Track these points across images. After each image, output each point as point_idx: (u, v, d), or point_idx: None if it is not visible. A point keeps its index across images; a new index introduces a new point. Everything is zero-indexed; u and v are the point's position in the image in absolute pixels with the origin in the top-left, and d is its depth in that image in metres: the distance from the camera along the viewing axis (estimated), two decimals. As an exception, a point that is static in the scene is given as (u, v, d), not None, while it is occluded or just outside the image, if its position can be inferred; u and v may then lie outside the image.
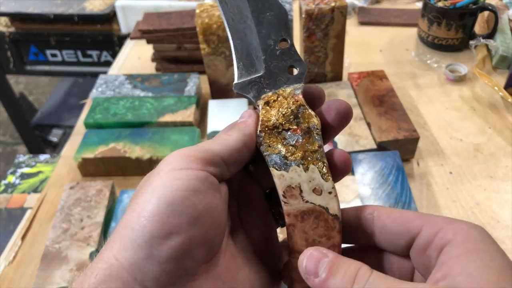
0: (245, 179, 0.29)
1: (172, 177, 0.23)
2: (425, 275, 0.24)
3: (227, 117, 0.71)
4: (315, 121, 0.28)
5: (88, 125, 0.71)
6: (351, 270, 0.23)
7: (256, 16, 0.30)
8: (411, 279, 0.26)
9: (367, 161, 0.61)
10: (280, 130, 0.27)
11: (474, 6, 0.83)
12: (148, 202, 0.22)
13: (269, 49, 0.30)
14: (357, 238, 0.27)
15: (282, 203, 0.26)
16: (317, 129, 0.27)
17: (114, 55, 1.24)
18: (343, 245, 0.27)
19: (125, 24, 1.09)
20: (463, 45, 0.87)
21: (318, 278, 0.23)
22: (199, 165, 0.24)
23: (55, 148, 1.68)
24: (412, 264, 0.26)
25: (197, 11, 0.70)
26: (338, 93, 0.73)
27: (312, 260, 0.24)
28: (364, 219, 0.26)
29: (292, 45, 0.30)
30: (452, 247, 0.22)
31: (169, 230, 0.22)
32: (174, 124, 0.70)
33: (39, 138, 1.67)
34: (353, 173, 0.60)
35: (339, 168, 0.27)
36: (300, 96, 0.29)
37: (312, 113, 0.28)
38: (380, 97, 0.71)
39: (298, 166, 0.26)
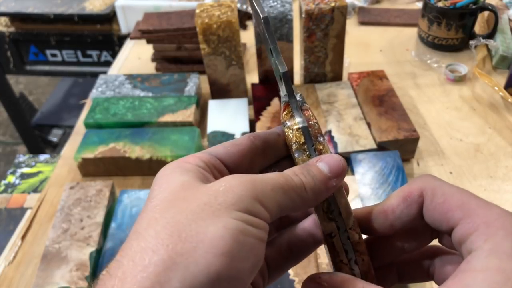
0: None
1: (244, 219, 0.21)
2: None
3: (227, 117, 0.71)
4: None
5: (88, 125, 0.71)
6: None
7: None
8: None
9: (367, 161, 0.61)
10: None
11: (474, 6, 0.83)
12: (221, 239, 0.20)
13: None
14: (408, 222, 0.26)
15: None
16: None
17: (114, 55, 1.24)
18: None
19: (125, 24, 1.09)
20: (463, 45, 0.87)
21: None
22: (263, 211, 0.22)
23: (55, 148, 1.68)
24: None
25: (197, 11, 0.70)
26: (338, 93, 0.73)
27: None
28: (414, 203, 0.26)
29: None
30: (474, 257, 0.21)
31: (233, 274, 0.20)
32: (174, 124, 0.70)
33: (39, 138, 1.67)
34: (353, 173, 0.60)
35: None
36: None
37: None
38: (380, 97, 0.71)
39: None
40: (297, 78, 0.81)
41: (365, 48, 0.93)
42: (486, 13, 0.93)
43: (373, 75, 0.76)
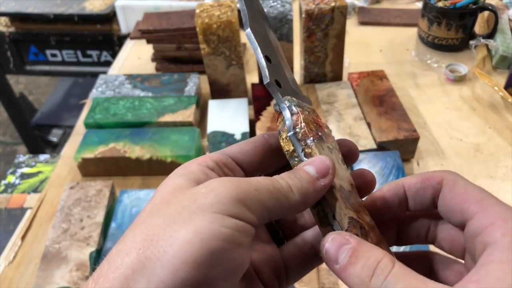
0: None
1: (220, 222, 0.21)
2: (472, 260, 0.23)
3: (227, 117, 0.71)
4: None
5: (88, 125, 0.71)
6: (371, 261, 0.22)
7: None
8: (463, 253, 0.26)
9: (367, 161, 0.61)
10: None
11: (474, 6, 0.83)
12: (189, 244, 0.20)
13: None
14: (419, 204, 0.26)
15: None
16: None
17: (114, 55, 1.24)
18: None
19: (125, 24, 1.09)
20: (463, 45, 0.87)
21: (337, 265, 0.23)
22: (247, 213, 0.22)
23: (55, 148, 1.68)
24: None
25: (197, 11, 0.70)
26: (338, 93, 0.73)
27: (333, 244, 0.23)
28: (430, 188, 0.26)
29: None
30: (496, 249, 0.21)
31: (201, 281, 0.20)
32: (174, 124, 0.70)
33: (39, 138, 1.67)
34: (353, 173, 0.60)
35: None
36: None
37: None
38: (380, 97, 0.71)
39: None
40: (297, 78, 0.81)
41: (365, 48, 0.93)
42: (486, 13, 0.93)
43: (373, 75, 0.76)
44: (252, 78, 0.84)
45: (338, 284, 0.50)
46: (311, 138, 0.26)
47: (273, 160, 0.28)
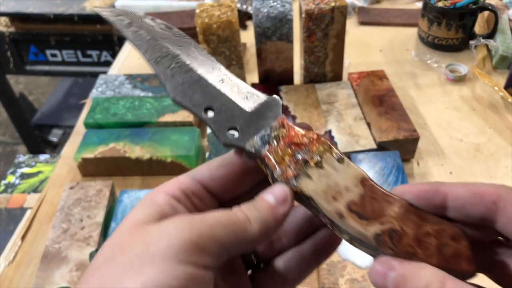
0: None
1: (170, 274, 0.20)
2: None
3: (227, 117, 0.71)
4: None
5: (88, 125, 0.71)
6: (421, 285, 0.20)
7: None
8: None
9: (367, 161, 0.61)
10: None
11: (474, 6, 0.83)
12: None
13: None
14: (463, 218, 0.24)
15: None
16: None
17: (114, 55, 1.24)
18: None
19: (125, 24, 1.09)
20: (463, 45, 0.87)
21: None
22: (203, 257, 0.21)
23: (55, 148, 1.68)
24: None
25: (197, 11, 0.70)
26: (338, 93, 0.73)
27: (378, 276, 0.22)
28: (482, 206, 0.23)
29: None
30: None
31: None
32: (174, 124, 0.70)
33: (39, 138, 1.67)
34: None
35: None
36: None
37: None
38: (380, 97, 0.71)
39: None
40: (297, 78, 0.81)
41: (365, 48, 0.93)
42: (486, 13, 0.93)
43: (373, 75, 0.76)
44: (252, 78, 0.84)
45: (338, 284, 0.50)
46: (293, 177, 0.25)
47: (250, 180, 0.27)
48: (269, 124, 0.26)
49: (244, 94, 0.27)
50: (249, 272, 0.29)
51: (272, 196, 0.24)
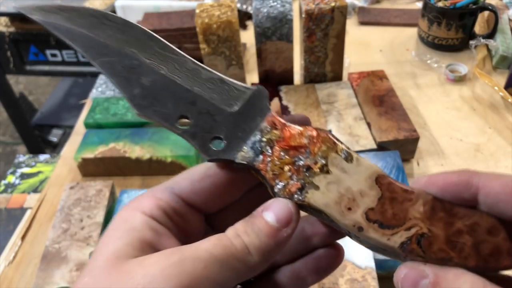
0: None
1: None
2: None
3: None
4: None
5: (88, 125, 0.71)
6: None
7: None
8: None
9: (367, 161, 0.61)
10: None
11: (474, 6, 0.83)
12: None
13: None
14: (496, 214, 0.20)
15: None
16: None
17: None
18: None
19: (125, 24, 1.09)
20: (463, 45, 0.87)
21: None
22: None
23: (55, 148, 1.68)
24: None
25: (197, 11, 0.70)
26: (338, 93, 0.73)
27: (407, 283, 0.19)
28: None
29: None
30: None
31: None
32: (174, 124, 0.70)
33: (39, 138, 1.67)
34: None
35: None
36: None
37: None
38: (380, 97, 0.71)
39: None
40: (297, 78, 0.81)
41: (365, 48, 0.93)
42: (486, 13, 0.93)
43: (373, 75, 0.76)
44: (252, 78, 0.84)
45: (338, 284, 0.50)
46: (297, 190, 0.21)
47: (240, 188, 0.24)
48: (258, 125, 0.22)
49: (223, 90, 0.22)
50: (239, 287, 0.26)
51: (274, 215, 0.21)
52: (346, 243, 0.25)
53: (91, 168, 0.66)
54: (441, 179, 0.21)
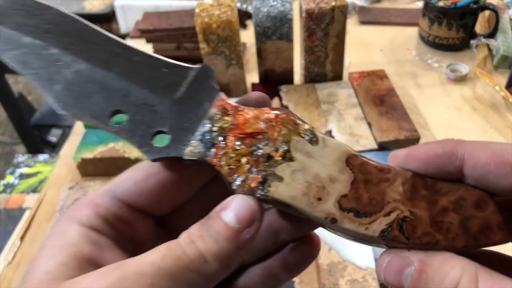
0: None
1: None
2: None
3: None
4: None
5: (87, 125, 0.71)
6: (447, 284, 0.16)
7: None
8: None
9: (368, 161, 0.61)
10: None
11: (475, 6, 0.82)
12: None
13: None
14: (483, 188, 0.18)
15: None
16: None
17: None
18: None
19: (125, 24, 1.09)
20: (464, 44, 0.87)
21: None
22: None
23: (54, 148, 1.68)
24: None
25: (197, 10, 0.69)
26: (339, 93, 0.73)
27: (391, 272, 0.18)
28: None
29: None
30: None
31: None
32: (174, 124, 0.69)
33: (38, 138, 1.66)
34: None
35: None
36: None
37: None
38: (381, 96, 0.71)
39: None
40: (298, 77, 0.80)
41: (366, 47, 0.93)
42: (487, 12, 0.93)
43: (373, 74, 0.76)
44: (252, 77, 0.84)
45: (338, 284, 0.50)
46: (258, 185, 0.19)
47: (193, 185, 0.21)
48: (207, 112, 0.19)
49: (162, 74, 0.19)
50: None
51: (234, 215, 0.18)
52: (346, 243, 0.25)
53: (90, 168, 0.66)
54: (423, 152, 0.19)
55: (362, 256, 0.50)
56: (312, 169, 0.19)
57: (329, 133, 0.66)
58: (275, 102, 0.72)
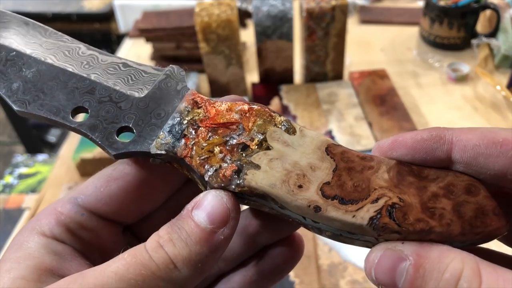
0: None
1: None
2: None
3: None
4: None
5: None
6: (447, 279, 0.14)
7: None
8: None
9: (369, 161, 0.60)
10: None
11: (476, 5, 0.82)
12: None
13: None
14: (475, 173, 0.18)
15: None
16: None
17: (112, 53, 1.23)
18: None
19: (124, 23, 1.09)
20: (465, 44, 0.87)
21: None
22: None
23: (53, 148, 1.67)
24: None
25: (196, 10, 0.69)
26: (339, 93, 0.73)
27: (383, 269, 0.16)
28: (503, 156, 0.17)
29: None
30: None
31: None
32: (174, 124, 0.69)
33: (37, 138, 1.66)
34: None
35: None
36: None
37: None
38: (382, 96, 0.71)
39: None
40: (298, 77, 0.80)
41: (366, 47, 0.92)
42: (488, 12, 0.92)
43: (374, 74, 0.76)
44: (252, 77, 0.84)
45: (339, 285, 0.49)
46: (233, 173, 0.17)
47: (163, 189, 0.20)
48: (177, 107, 0.18)
49: (128, 75, 0.20)
50: None
51: (206, 214, 0.16)
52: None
53: (89, 168, 0.66)
54: (410, 137, 0.18)
55: (362, 256, 0.49)
56: (291, 157, 0.18)
57: (329, 133, 0.65)
58: (275, 101, 0.72)
